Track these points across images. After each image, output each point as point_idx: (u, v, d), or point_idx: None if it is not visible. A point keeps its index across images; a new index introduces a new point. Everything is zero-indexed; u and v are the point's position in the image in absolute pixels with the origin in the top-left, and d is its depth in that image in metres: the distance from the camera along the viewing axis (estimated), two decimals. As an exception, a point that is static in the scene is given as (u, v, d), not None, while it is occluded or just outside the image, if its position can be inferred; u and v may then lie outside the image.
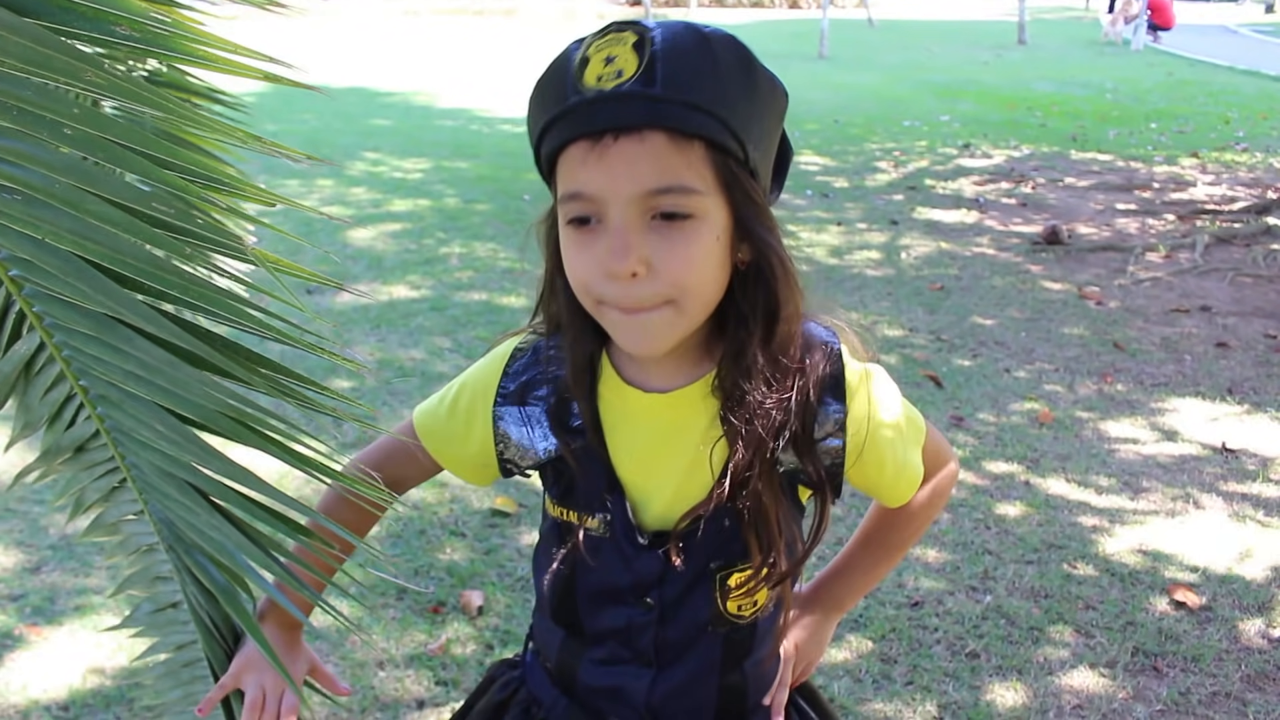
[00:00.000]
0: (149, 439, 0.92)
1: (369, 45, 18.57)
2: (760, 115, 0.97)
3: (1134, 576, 2.85)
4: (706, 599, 1.12)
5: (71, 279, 0.82)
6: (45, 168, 0.77)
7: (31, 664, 2.39)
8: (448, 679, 2.37)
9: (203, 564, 1.00)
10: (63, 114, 0.76)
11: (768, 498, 1.06)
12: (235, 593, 1.02)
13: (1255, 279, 5.66)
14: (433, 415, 1.20)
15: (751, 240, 0.98)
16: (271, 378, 0.90)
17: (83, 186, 0.78)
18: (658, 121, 0.91)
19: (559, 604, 1.19)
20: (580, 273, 0.97)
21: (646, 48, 0.91)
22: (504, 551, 2.88)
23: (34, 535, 2.88)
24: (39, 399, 0.99)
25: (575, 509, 1.13)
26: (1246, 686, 2.42)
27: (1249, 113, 12.16)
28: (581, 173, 0.93)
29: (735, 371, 1.02)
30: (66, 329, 0.88)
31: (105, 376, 0.90)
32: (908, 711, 2.33)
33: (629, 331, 0.98)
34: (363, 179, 7.79)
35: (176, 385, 0.88)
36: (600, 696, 1.19)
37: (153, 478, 0.96)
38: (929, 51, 19.87)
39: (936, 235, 6.49)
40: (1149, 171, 8.59)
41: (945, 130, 10.60)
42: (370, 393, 3.89)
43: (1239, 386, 4.22)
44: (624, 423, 1.10)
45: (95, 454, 1.03)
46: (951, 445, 1.29)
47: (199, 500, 0.95)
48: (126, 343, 0.86)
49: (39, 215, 0.79)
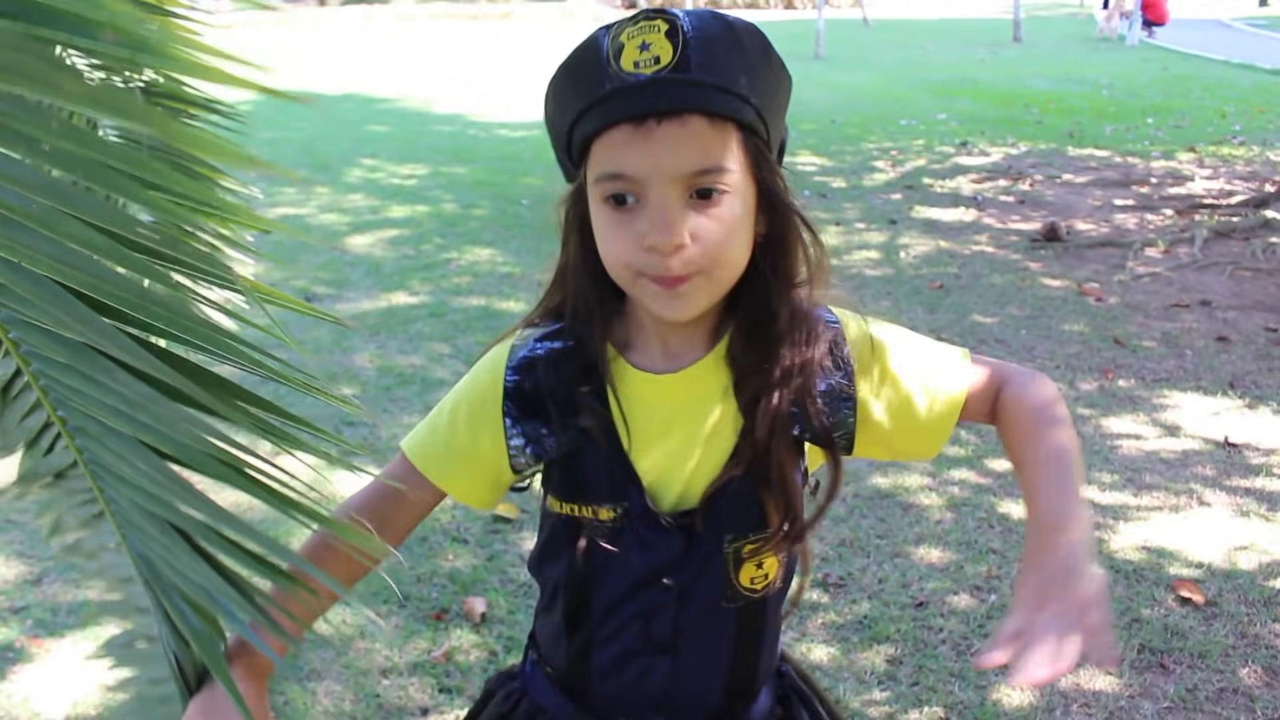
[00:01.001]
0: (128, 475, 0.87)
1: (364, 51, 18.58)
2: (779, 99, 1.04)
3: (1139, 573, 2.84)
4: (721, 573, 1.13)
5: (48, 305, 0.77)
6: (21, 186, 0.72)
7: (34, 676, 2.38)
8: (451, 686, 2.37)
9: (179, 606, 0.94)
10: (40, 128, 0.70)
11: (786, 461, 1.09)
12: (211, 638, 0.96)
13: (1255, 272, 5.65)
14: (429, 442, 1.18)
15: (776, 211, 1.05)
16: (256, 415, 0.85)
17: (61, 208, 0.73)
18: (697, 105, 0.96)
19: (574, 603, 1.17)
20: (619, 249, 1.01)
21: (679, 34, 0.96)
22: (506, 558, 2.87)
23: (35, 547, 2.87)
24: (16, 423, 0.96)
25: (586, 503, 1.12)
26: (1254, 682, 2.42)
27: (1245, 106, 12.15)
28: (624, 154, 0.98)
29: (749, 339, 1.08)
30: (44, 357, 0.83)
31: (83, 408, 0.85)
32: (914, 712, 2.32)
33: (667, 300, 1.02)
34: (360, 185, 7.79)
35: (159, 421, 0.82)
36: (613, 696, 1.18)
37: (132, 514, 0.91)
38: (924, 50, 19.88)
39: (935, 234, 6.49)
40: (1146, 167, 8.58)
41: (942, 129, 10.60)
42: (370, 401, 3.88)
43: (1240, 381, 4.21)
44: (635, 408, 1.10)
45: (74, 483, 0.98)
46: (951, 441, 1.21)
47: (179, 541, 0.90)
48: (106, 374, 0.81)
49: (14, 237, 0.73)
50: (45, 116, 0.70)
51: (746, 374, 1.08)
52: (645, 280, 1.01)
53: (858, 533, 3.00)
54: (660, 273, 1.00)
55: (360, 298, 5.13)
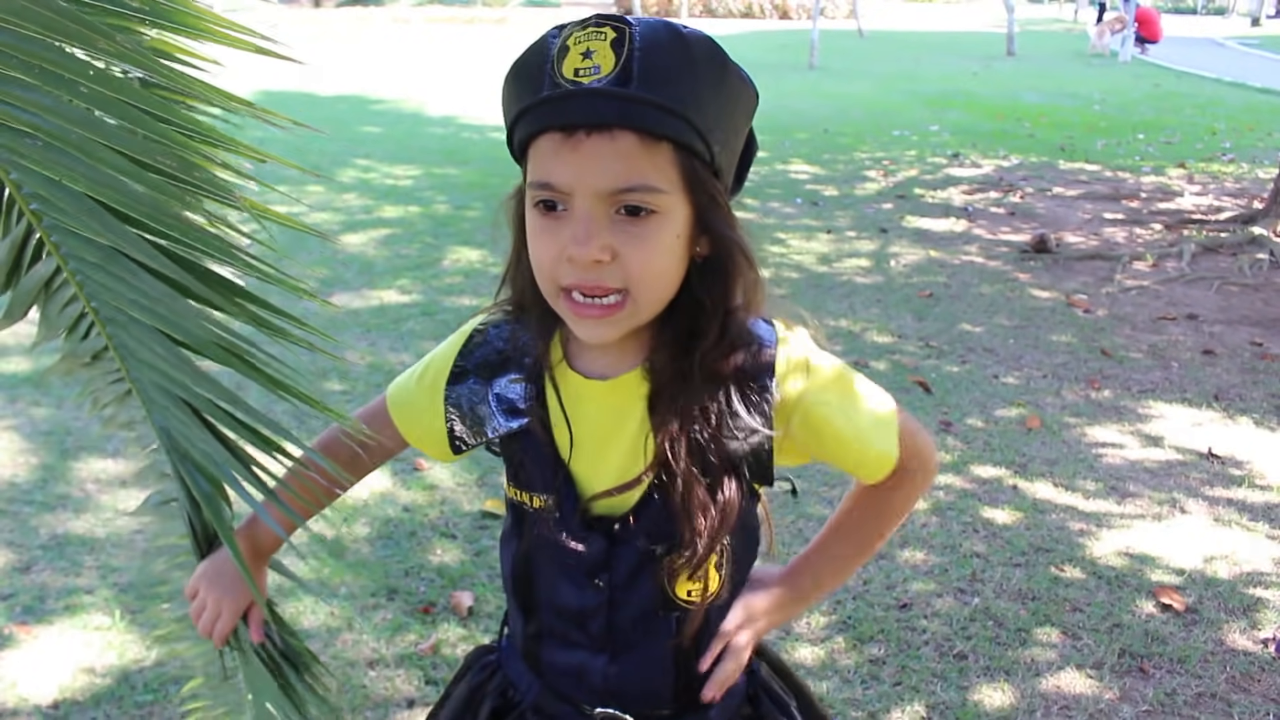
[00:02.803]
0: (149, 359, 1.04)
1: (359, 53, 18.58)
2: (729, 115, 1.00)
3: (1120, 579, 2.87)
4: (653, 582, 1.13)
5: (84, 215, 0.94)
6: (62, 119, 0.90)
7: (21, 663, 2.38)
8: (438, 678, 2.38)
9: (191, 472, 1.10)
10: (80, 74, 0.89)
11: (692, 481, 1.07)
12: (217, 501, 1.12)
13: (1241, 288, 5.70)
14: (403, 388, 1.26)
15: (711, 236, 1.02)
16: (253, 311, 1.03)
17: (94, 137, 0.90)
18: (629, 121, 0.93)
19: (518, 585, 1.22)
20: (544, 256, 1.01)
21: (625, 45, 0.93)
22: (494, 553, 2.88)
23: (24, 535, 2.88)
24: (58, 312, 1.11)
25: (527, 490, 1.16)
26: (1231, 688, 2.44)
27: (1235, 124, 12.25)
28: (552, 163, 0.97)
29: (670, 358, 1.06)
30: (79, 258, 1.00)
31: (112, 301, 1.02)
32: (896, 711, 2.34)
33: (582, 324, 1.02)
34: (353, 185, 7.80)
35: (173, 313, 1.00)
36: (563, 679, 1.21)
37: (152, 391, 1.07)
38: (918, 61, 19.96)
39: (925, 243, 6.53)
40: (1136, 181, 8.65)
41: (934, 140, 10.65)
42: (360, 398, 3.89)
43: (1225, 393, 4.25)
44: (570, 407, 1.13)
45: (106, 364, 1.15)
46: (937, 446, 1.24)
47: (191, 415, 1.06)
48: (130, 273, 0.98)
49: (56, 159, 0.91)
50: (83, 65, 0.89)
51: (662, 391, 1.07)
52: (564, 300, 1.01)
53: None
54: (581, 284, 0.99)
55: (352, 296, 5.14)
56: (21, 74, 0.87)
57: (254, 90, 11.86)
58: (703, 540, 1.08)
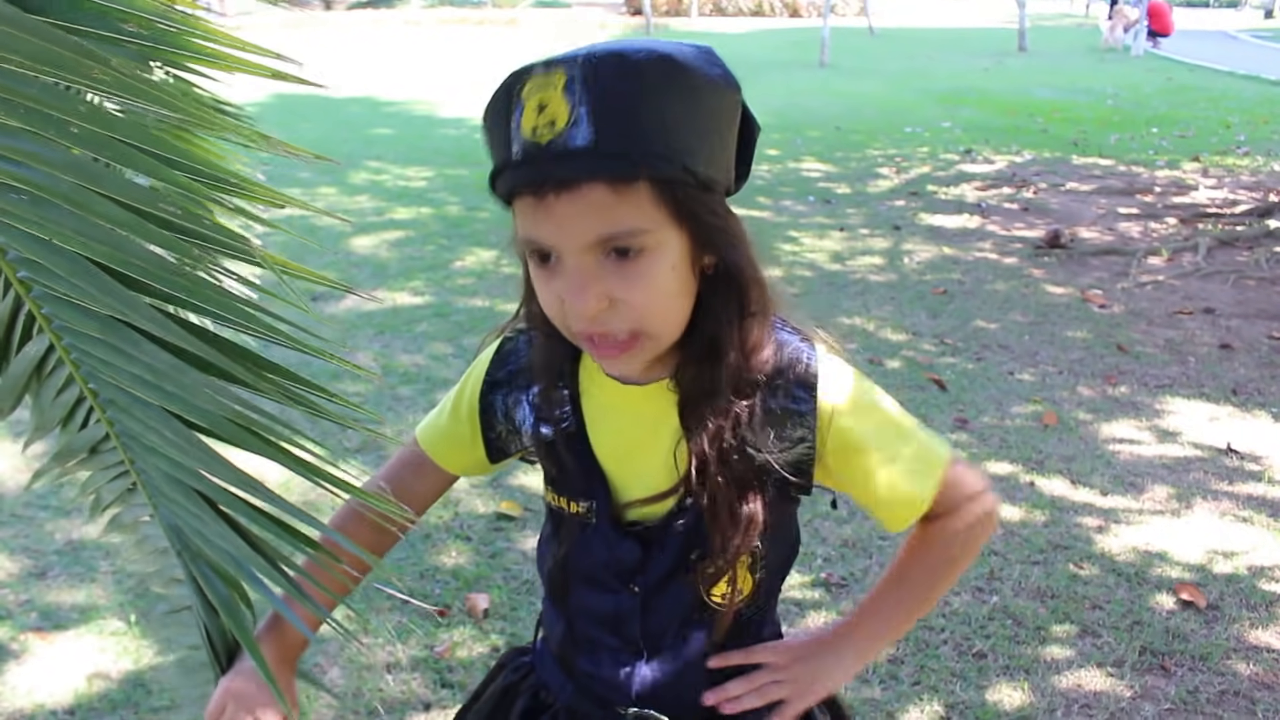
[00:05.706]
0: (156, 444, 0.91)
1: (371, 55, 18.61)
2: (705, 128, 0.95)
3: (1140, 576, 2.85)
4: (687, 587, 1.13)
5: (78, 280, 0.81)
6: (52, 167, 0.77)
7: (37, 669, 2.39)
8: (454, 681, 2.37)
9: (206, 574, 0.98)
10: (69, 112, 0.75)
11: (726, 491, 1.07)
12: (237, 606, 1.00)
13: (1258, 281, 5.66)
14: (433, 426, 1.25)
15: (713, 252, 1.00)
16: (278, 383, 0.89)
17: (89, 186, 0.77)
18: (596, 175, 0.90)
19: (555, 588, 1.22)
20: (548, 304, 1.00)
21: (577, 89, 0.89)
22: (509, 555, 2.88)
23: (39, 541, 2.89)
24: (51, 400, 0.99)
25: (565, 495, 1.17)
26: (1255, 685, 2.42)
27: (1250, 117, 12.17)
28: (532, 223, 0.95)
29: (695, 371, 1.04)
30: (75, 331, 0.87)
31: (113, 380, 0.89)
32: (915, 711, 2.32)
33: (604, 359, 1.02)
34: (365, 187, 7.81)
35: (183, 390, 0.86)
36: (597, 682, 1.21)
37: (160, 483, 0.95)
38: (929, 58, 19.90)
39: (939, 240, 6.50)
40: (1151, 176, 8.59)
41: (947, 136, 10.61)
42: (373, 399, 3.89)
43: (1242, 388, 4.22)
44: (605, 413, 1.13)
45: (108, 456, 1.02)
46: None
47: (205, 508, 0.94)
48: (133, 346, 0.85)
49: (45, 215, 0.78)
50: (73, 101, 0.74)
51: (691, 402, 1.06)
52: (582, 339, 1.00)
53: (860, 533, 3.01)
54: (590, 331, 0.98)
55: (364, 298, 5.14)
56: (1, 116, 0.74)
57: (266, 93, 11.90)
58: (732, 547, 1.09)
